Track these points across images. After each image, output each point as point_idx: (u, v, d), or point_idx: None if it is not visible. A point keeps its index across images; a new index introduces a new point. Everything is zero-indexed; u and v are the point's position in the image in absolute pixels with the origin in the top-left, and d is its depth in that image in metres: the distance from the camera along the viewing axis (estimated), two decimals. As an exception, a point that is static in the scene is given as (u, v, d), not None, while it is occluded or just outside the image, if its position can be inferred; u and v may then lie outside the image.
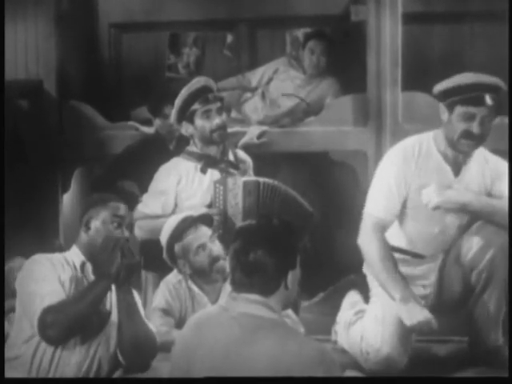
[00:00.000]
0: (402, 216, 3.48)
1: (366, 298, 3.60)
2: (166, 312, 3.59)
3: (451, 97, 3.37)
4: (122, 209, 3.10)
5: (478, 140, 3.37)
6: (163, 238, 3.67)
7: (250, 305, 2.40)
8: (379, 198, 3.42)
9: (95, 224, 3.06)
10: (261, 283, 2.40)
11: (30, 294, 2.91)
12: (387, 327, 3.37)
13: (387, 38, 4.70)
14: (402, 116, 4.67)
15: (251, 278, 2.40)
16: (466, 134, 3.35)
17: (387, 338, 3.36)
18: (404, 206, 3.45)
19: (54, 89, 5.03)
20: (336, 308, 3.54)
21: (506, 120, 4.25)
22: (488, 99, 3.31)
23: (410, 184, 3.43)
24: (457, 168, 3.47)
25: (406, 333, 3.37)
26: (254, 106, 5.24)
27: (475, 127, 3.33)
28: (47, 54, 5.01)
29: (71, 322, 2.85)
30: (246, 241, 2.43)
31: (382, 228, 3.38)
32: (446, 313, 3.63)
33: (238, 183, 3.87)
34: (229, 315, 2.41)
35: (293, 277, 2.43)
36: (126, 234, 3.04)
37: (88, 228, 3.07)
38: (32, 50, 4.98)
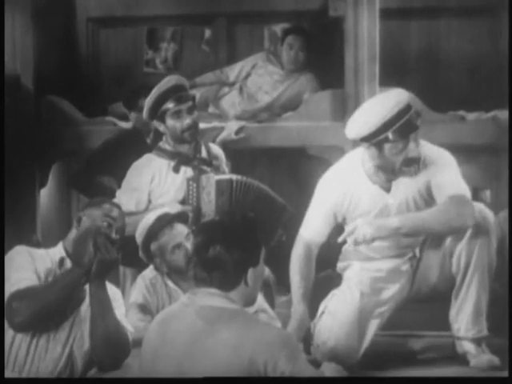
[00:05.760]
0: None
1: None
2: (144, 307, 3.58)
3: (375, 137, 3.35)
4: (115, 212, 3.13)
5: (417, 159, 3.39)
6: (138, 238, 3.66)
7: (210, 297, 2.43)
8: (311, 221, 3.59)
9: (85, 221, 3.08)
10: (220, 279, 2.42)
11: (5, 282, 2.91)
12: (337, 321, 3.44)
13: (365, 33, 4.71)
14: (380, 111, 4.67)
15: (210, 274, 2.42)
16: (406, 162, 3.37)
17: (335, 332, 3.43)
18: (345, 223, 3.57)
19: (31, 84, 5.00)
20: (312, 303, 3.55)
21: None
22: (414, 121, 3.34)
23: (344, 212, 3.52)
24: (386, 185, 3.48)
25: (357, 329, 3.43)
26: (231, 101, 5.24)
27: (412, 152, 3.35)
28: (24, 48, 4.97)
29: (37, 308, 2.85)
30: (207, 236, 2.45)
31: (309, 246, 3.59)
32: (423, 306, 3.67)
33: (211, 181, 3.89)
34: (190, 310, 2.43)
35: (254, 274, 2.45)
36: (116, 236, 3.05)
37: (79, 225, 3.10)
38: (9, 45, 4.93)
